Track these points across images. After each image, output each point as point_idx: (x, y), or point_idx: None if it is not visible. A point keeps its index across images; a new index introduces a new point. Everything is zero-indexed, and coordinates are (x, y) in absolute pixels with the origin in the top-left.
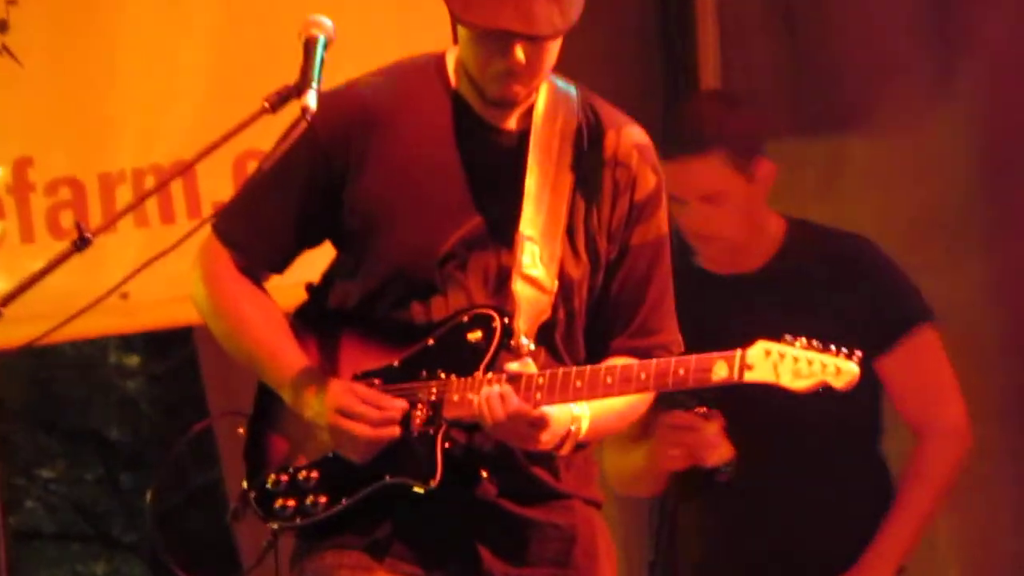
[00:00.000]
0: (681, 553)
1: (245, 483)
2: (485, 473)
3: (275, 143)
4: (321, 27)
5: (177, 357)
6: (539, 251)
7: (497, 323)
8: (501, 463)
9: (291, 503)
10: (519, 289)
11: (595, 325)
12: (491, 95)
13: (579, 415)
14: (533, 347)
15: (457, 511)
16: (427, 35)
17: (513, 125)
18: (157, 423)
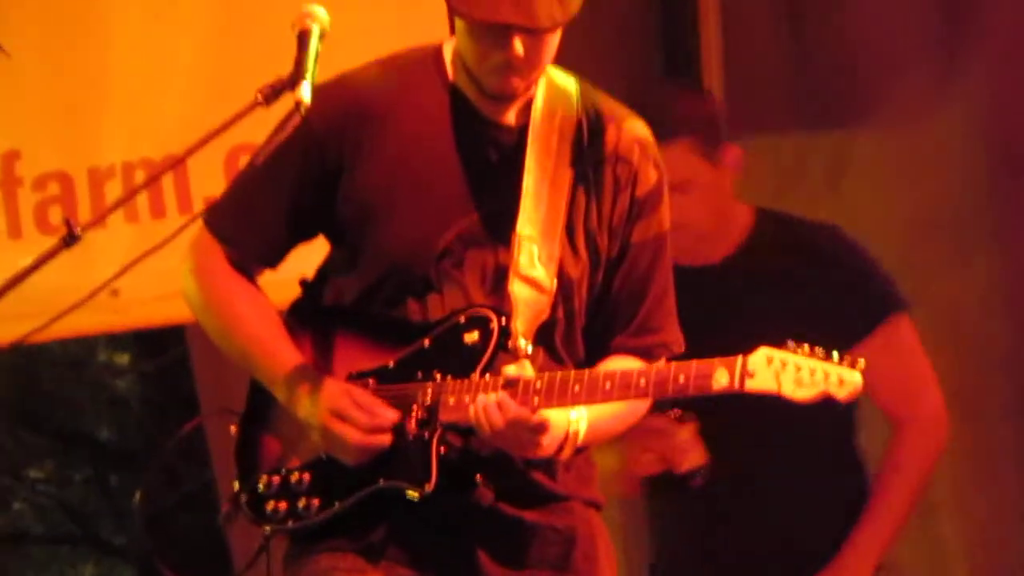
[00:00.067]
0: (658, 552)
1: (236, 484)
2: (480, 478)
3: (268, 136)
4: (315, 18)
5: (168, 355)
6: (537, 250)
7: (494, 324)
8: (498, 466)
9: (283, 506)
10: (517, 290)
11: (595, 324)
12: (489, 88)
13: (577, 418)
14: (531, 350)
15: (453, 514)
16: (424, 27)
17: (511, 119)
18: (148, 423)
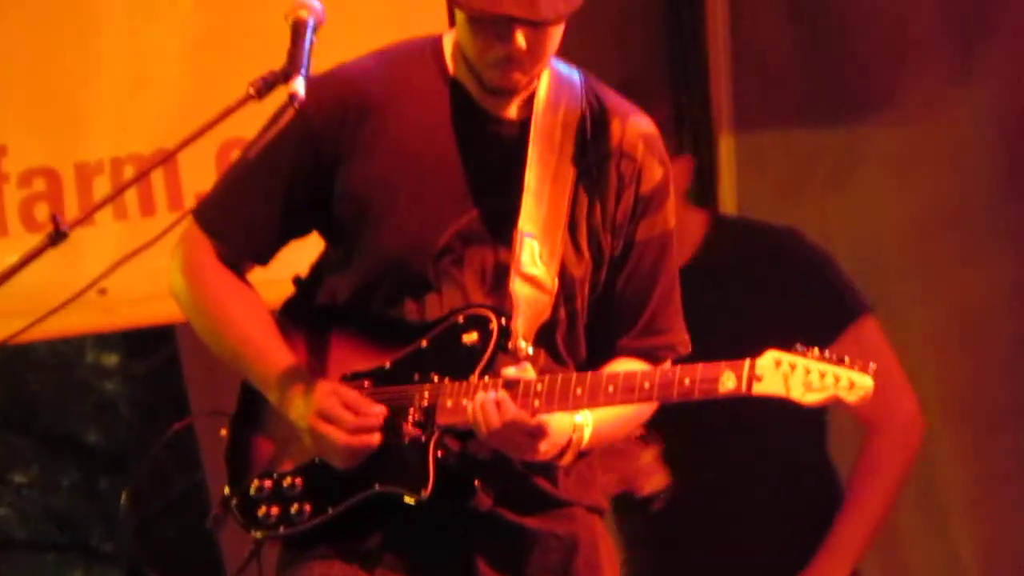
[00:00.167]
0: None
1: (227, 488)
2: (479, 483)
3: (261, 129)
4: (310, 9)
5: (158, 356)
6: (539, 248)
7: (494, 325)
8: (497, 471)
9: (275, 511)
10: (518, 289)
11: (598, 324)
12: (490, 82)
13: (581, 424)
14: (531, 351)
15: (451, 520)
16: (422, 17)
17: (513, 114)
18: (136, 426)
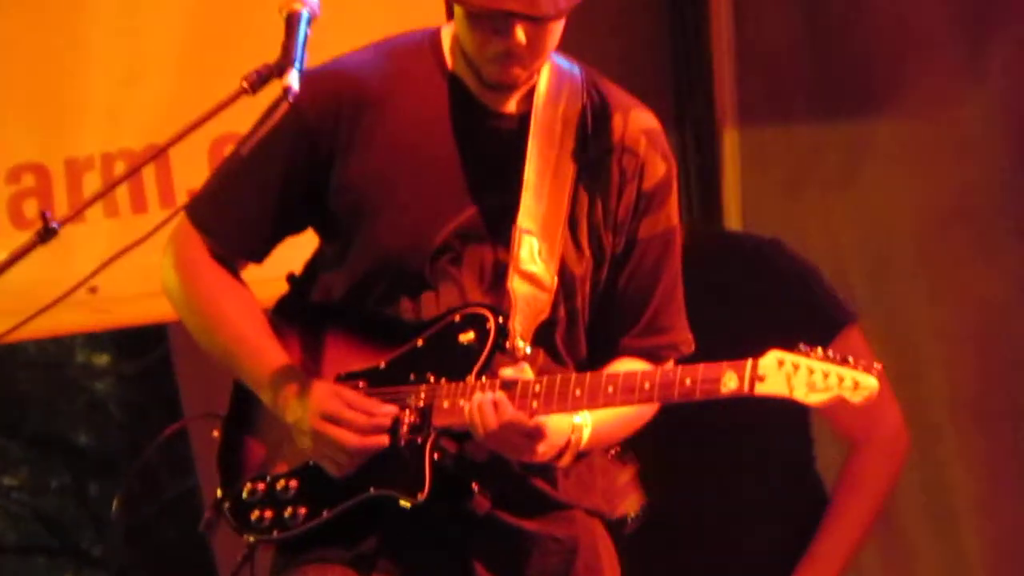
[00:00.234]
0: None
1: (219, 491)
2: (476, 486)
3: (255, 124)
4: (304, 1)
5: (150, 356)
6: (538, 245)
7: (491, 324)
8: (495, 473)
9: (268, 514)
10: (516, 287)
11: (599, 323)
12: (488, 77)
13: (580, 424)
14: (529, 351)
15: (448, 524)
16: (419, 9)
17: (513, 108)
18: (128, 427)
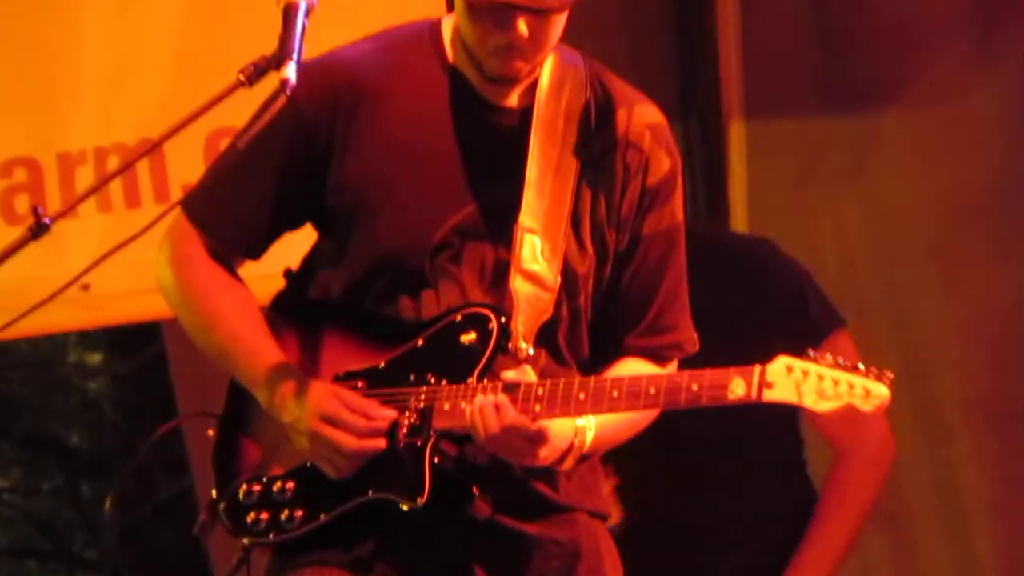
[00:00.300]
0: None
1: (214, 492)
2: (477, 490)
3: (251, 117)
4: None
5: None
6: (540, 244)
7: (493, 324)
8: (495, 477)
9: (264, 516)
10: (518, 286)
11: (602, 322)
12: (490, 71)
13: (583, 427)
14: (532, 352)
15: (447, 528)
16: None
17: (514, 102)
18: (122, 428)
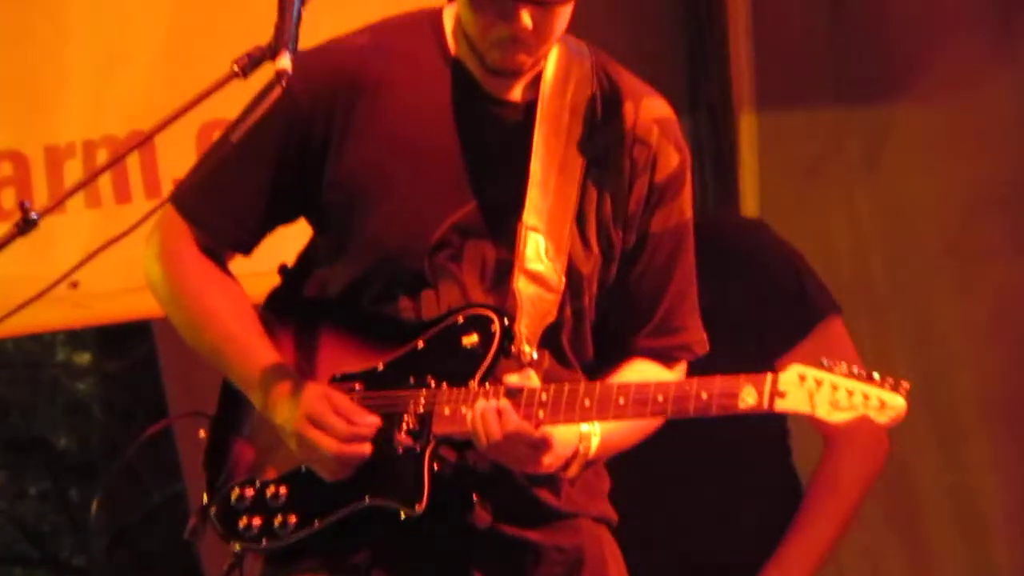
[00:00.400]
0: None
1: (205, 496)
2: (477, 497)
3: (245, 108)
4: None
5: (134, 355)
6: (544, 243)
7: (496, 326)
8: (496, 484)
9: (257, 522)
10: (522, 287)
11: (609, 322)
12: (492, 63)
13: (588, 433)
14: (535, 356)
15: (446, 536)
16: None
17: (518, 96)
18: (111, 429)
